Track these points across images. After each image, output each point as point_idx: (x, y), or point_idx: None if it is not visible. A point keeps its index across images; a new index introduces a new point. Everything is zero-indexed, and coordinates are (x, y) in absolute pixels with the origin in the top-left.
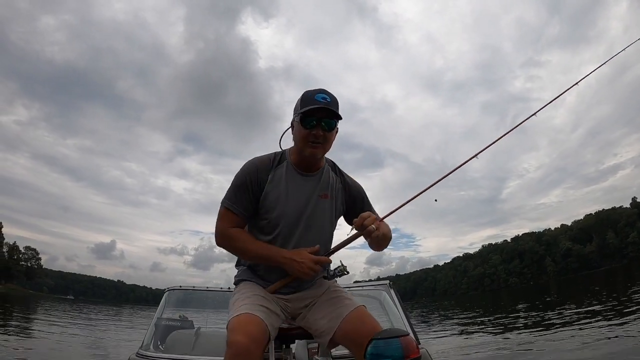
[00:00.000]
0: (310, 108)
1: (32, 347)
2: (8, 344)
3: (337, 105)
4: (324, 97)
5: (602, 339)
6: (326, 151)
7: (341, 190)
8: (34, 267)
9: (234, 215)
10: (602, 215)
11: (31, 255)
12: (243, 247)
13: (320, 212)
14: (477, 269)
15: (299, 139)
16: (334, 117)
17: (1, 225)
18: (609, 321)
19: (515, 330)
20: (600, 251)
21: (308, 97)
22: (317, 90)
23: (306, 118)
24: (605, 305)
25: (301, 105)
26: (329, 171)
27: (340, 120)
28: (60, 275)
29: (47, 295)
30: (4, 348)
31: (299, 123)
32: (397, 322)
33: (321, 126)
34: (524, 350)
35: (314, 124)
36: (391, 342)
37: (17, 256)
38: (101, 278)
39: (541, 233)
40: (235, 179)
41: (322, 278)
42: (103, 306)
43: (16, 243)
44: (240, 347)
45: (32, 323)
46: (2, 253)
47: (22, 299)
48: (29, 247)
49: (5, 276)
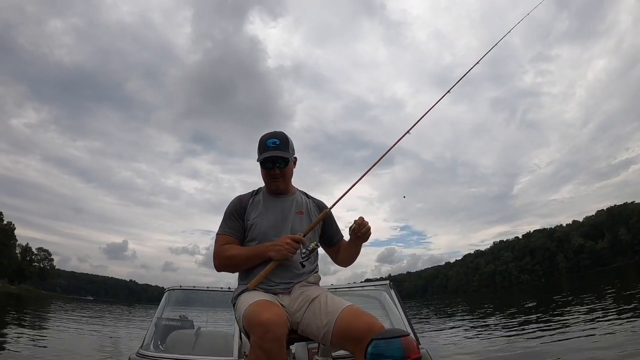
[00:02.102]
0: (264, 157)
1: (46, 346)
2: (17, 345)
3: (286, 145)
4: (274, 142)
5: (612, 338)
6: (287, 181)
7: (314, 208)
8: (46, 268)
9: (225, 237)
10: (613, 211)
11: (44, 257)
12: (234, 254)
13: (299, 227)
14: (488, 266)
15: (263, 177)
16: (283, 159)
17: (14, 227)
18: (620, 321)
19: (522, 329)
20: (612, 247)
21: (262, 144)
22: (269, 135)
23: (264, 162)
24: (616, 304)
25: (258, 151)
26: (300, 194)
27: (291, 158)
28: (72, 276)
29: (60, 296)
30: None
31: (260, 166)
32: (398, 322)
33: (276, 167)
34: (531, 351)
35: (270, 166)
36: (392, 342)
37: (30, 257)
38: (113, 278)
39: (553, 229)
40: (224, 214)
41: (312, 283)
42: (117, 306)
43: (29, 244)
44: (270, 324)
45: (51, 322)
46: (15, 254)
47: (35, 300)
48: (41, 248)
49: (18, 277)
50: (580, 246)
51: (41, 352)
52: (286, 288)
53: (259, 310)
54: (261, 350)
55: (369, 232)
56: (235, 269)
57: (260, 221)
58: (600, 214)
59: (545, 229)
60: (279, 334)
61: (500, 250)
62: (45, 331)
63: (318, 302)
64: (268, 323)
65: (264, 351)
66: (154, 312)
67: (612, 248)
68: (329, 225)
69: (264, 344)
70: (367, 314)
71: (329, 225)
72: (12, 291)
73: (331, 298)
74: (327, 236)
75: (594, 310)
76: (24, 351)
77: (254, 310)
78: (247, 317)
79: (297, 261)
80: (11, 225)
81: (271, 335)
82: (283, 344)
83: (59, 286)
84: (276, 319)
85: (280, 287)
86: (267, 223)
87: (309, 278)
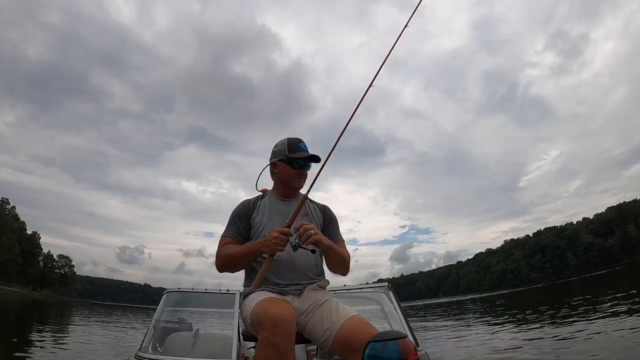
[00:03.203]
0: (302, 156)
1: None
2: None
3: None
4: (305, 146)
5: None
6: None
7: (318, 211)
8: (67, 274)
9: (227, 239)
10: (623, 208)
11: (64, 263)
12: (230, 253)
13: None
14: (499, 265)
15: (288, 175)
16: (314, 162)
17: (39, 236)
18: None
19: (529, 332)
20: (621, 244)
21: (294, 144)
22: (296, 139)
23: (296, 160)
24: (623, 303)
25: (289, 150)
26: (304, 198)
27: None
28: (88, 281)
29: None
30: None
31: (287, 164)
32: (396, 324)
33: (307, 166)
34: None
35: (302, 164)
36: (389, 344)
37: (52, 264)
38: (127, 282)
39: (563, 227)
40: (229, 217)
41: (321, 287)
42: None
43: (50, 252)
44: (280, 319)
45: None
46: (38, 262)
47: (58, 305)
48: (62, 255)
49: (41, 284)
50: (590, 244)
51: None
52: (297, 290)
53: (269, 306)
54: (271, 345)
55: (313, 239)
56: (234, 267)
57: (266, 224)
58: (610, 211)
59: (555, 227)
60: (289, 330)
61: (511, 249)
62: (67, 335)
63: (326, 307)
64: (278, 318)
65: (274, 347)
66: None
67: (622, 245)
68: (327, 227)
69: (274, 339)
70: (370, 325)
71: (327, 227)
72: (36, 297)
73: (340, 305)
74: (328, 236)
75: (601, 310)
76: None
77: (264, 307)
78: (256, 314)
79: (307, 263)
80: (36, 235)
81: (281, 329)
82: (292, 340)
83: (74, 291)
84: (287, 315)
85: (291, 288)
86: (273, 226)
87: (319, 282)
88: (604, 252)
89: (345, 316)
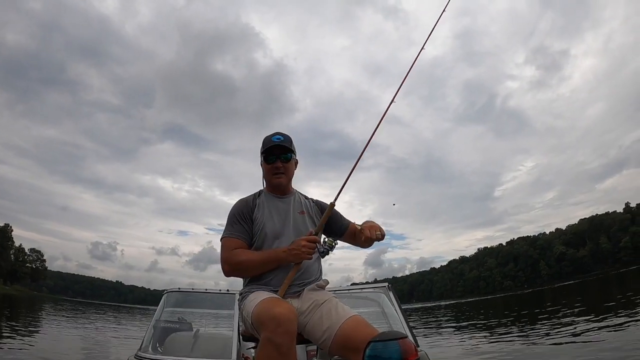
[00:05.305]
0: (268, 147)
1: (34, 346)
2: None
3: (290, 142)
4: (278, 138)
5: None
6: (289, 179)
7: (314, 207)
8: (39, 269)
9: (233, 241)
10: (595, 220)
11: (36, 258)
12: (246, 259)
13: (302, 226)
14: (472, 272)
15: (266, 172)
16: (288, 152)
17: (12, 229)
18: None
19: (506, 337)
20: (593, 256)
21: (267, 140)
22: (273, 133)
23: (268, 156)
24: (595, 313)
25: (262, 147)
26: (299, 194)
27: (294, 155)
28: (59, 276)
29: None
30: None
31: (263, 161)
32: (396, 325)
33: (280, 159)
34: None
35: (274, 159)
36: (389, 345)
37: (23, 258)
38: (99, 279)
39: (536, 237)
40: (228, 217)
41: (321, 287)
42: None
43: (22, 245)
44: (282, 318)
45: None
46: (10, 256)
47: (29, 300)
48: (34, 249)
49: (11, 278)
50: (562, 254)
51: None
52: (296, 292)
53: (270, 305)
54: (272, 344)
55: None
56: (247, 274)
57: (265, 222)
58: (582, 223)
59: (528, 236)
60: (291, 329)
61: (484, 257)
62: (41, 334)
63: (325, 307)
64: (280, 317)
65: (275, 346)
66: (152, 314)
67: (593, 256)
68: (334, 217)
69: (276, 338)
70: (370, 326)
71: (334, 217)
72: (7, 292)
73: (339, 305)
74: (336, 227)
75: (574, 320)
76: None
77: (265, 306)
78: (257, 313)
79: (307, 264)
80: (9, 227)
81: (283, 329)
82: (294, 340)
83: (45, 286)
84: (288, 314)
85: (291, 289)
86: (272, 224)
87: (319, 282)
88: (576, 263)
89: (344, 316)
